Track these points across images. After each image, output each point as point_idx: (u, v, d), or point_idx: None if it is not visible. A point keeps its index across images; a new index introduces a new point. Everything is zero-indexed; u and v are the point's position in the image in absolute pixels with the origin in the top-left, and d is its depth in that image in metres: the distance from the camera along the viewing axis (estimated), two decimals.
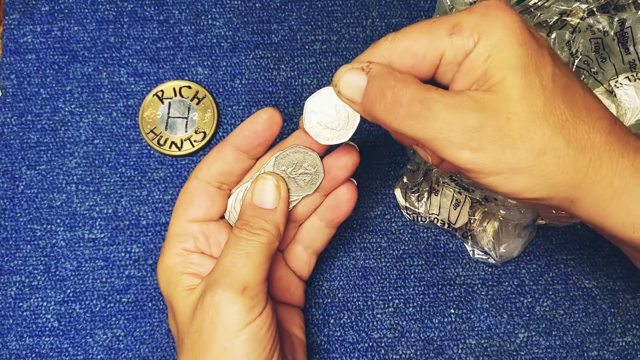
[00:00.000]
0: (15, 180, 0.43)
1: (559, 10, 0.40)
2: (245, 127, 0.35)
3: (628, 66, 0.40)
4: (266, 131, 0.35)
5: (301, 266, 0.39)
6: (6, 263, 0.42)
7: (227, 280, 0.32)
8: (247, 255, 0.33)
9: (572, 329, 0.42)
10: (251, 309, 0.32)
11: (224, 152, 0.36)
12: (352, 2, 0.46)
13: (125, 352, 0.41)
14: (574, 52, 0.40)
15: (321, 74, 0.45)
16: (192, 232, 0.36)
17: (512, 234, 0.42)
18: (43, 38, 0.45)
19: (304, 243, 0.39)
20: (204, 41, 0.45)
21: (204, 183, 0.36)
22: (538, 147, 0.27)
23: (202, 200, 0.36)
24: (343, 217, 0.38)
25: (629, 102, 0.39)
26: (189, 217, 0.36)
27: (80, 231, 0.42)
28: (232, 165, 0.36)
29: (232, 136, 0.36)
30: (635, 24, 0.40)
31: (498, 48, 0.28)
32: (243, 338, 0.31)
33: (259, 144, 0.36)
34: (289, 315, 0.39)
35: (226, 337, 0.31)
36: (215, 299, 0.32)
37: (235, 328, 0.31)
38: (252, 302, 0.32)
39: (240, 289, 0.32)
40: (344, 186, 0.37)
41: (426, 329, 0.42)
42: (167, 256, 0.36)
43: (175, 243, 0.36)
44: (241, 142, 0.35)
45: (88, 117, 0.44)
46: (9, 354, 0.41)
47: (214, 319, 0.32)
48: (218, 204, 0.37)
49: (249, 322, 0.32)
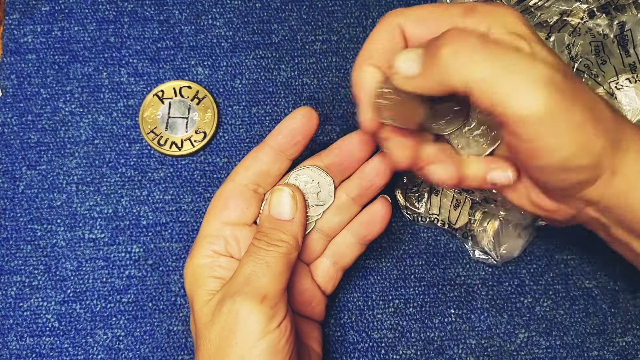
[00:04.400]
0: (16, 180, 0.43)
1: (559, 11, 0.40)
2: (284, 125, 0.36)
3: (628, 68, 0.40)
4: (304, 127, 0.36)
5: (327, 281, 0.39)
6: (6, 263, 0.42)
7: (246, 288, 0.32)
8: (266, 265, 0.33)
9: (573, 329, 0.42)
10: (270, 319, 0.31)
11: (261, 152, 0.36)
12: (352, 2, 0.46)
13: (126, 352, 0.41)
14: (574, 55, 0.40)
15: (321, 74, 0.45)
16: (224, 234, 0.36)
17: (513, 234, 0.42)
18: (43, 38, 0.45)
19: (332, 258, 0.39)
20: (204, 41, 0.45)
21: (240, 185, 0.36)
22: (588, 105, 0.28)
23: (238, 203, 0.36)
24: (376, 234, 0.38)
25: (630, 103, 0.39)
26: (222, 219, 0.36)
27: (81, 231, 0.42)
28: (269, 165, 0.36)
29: (270, 136, 0.36)
30: (635, 26, 0.40)
31: (509, 31, 0.28)
32: (261, 348, 0.31)
33: (297, 142, 0.36)
34: (308, 329, 0.39)
35: (244, 347, 0.31)
36: (234, 308, 0.31)
37: (253, 337, 0.31)
38: (271, 311, 0.32)
39: (259, 298, 0.32)
40: (378, 202, 0.37)
41: (426, 329, 0.42)
42: (196, 256, 0.36)
43: (205, 244, 0.36)
44: (280, 140, 0.36)
45: (88, 117, 0.44)
46: (9, 354, 0.41)
47: (233, 327, 0.31)
48: (253, 207, 0.37)
49: (268, 332, 0.31)
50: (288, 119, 0.36)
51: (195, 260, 0.36)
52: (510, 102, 0.26)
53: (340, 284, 0.41)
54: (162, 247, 0.42)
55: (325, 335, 0.41)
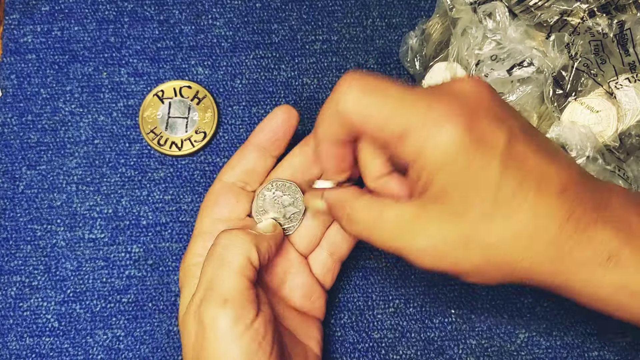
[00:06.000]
0: (16, 180, 0.43)
1: (560, 10, 0.40)
2: (265, 124, 0.37)
3: (628, 68, 0.40)
4: (284, 125, 0.36)
5: (325, 273, 0.39)
6: (6, 263, 0.42)
7: (209, 293, 0.31)
8: (225, 263, 0.32)
9: (573, 329, 0.42)
10: (237, 320, 0.31)
11: (245, 151, 0.37)
12: (352, 2, 0.46)
13: (126, 352, 0.41)
14: (574, 54, 0.40)
15: (321, 74, 0.45)
16: (217, 230, 0.35)
17: None
18: (43, 38, 0.45)
19: (329, 248, 0.38)
20: (204, 41, 0.45)
21: (228, 184, 0.37)
22: None
23: (227, 199, 0.36)
24: None
25: (629, 103, 0.39)
26: (214, 216, 0.36)
27: (81, 231, 0.42)
28: (254, 162, 0.37)
29: (253, 135, 0.37)
30: (635, 25, 0.40)
31: (435, 168, 0.28)
32: (236, 352, 0.30)
33: (278, 139, 0.37)
34: (306, 328, 0.38)
35: (218, 353, 0.31)
36: (200, 316, 0.31)
37: (225, 342, 0.30)
38: (235, 312, 0.31)
39: (221, 301, 0.31)
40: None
41: (427, 329, 0.42)
42: (189, 256, 0.36)
43: (199, 242, 0.36)
44: (262, 138, 0.36)
45: (88, 117, 0.44)
46: (9, 354, 0.41)
47: (204, 335, 0.31)
48: (243, 201, 0.37)
49: (239, 335, 0.31)
50: (268, 118, 0.37)
51: (187, 259, 0.36)
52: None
53: (340, 284, 0.41)
54: (162, 247, 0.42)
55: (325, 335, 0.41)
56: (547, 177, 0.28)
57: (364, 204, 0.31)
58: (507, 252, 0.28)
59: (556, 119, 0.40)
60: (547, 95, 0.40)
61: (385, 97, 0.29)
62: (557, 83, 0.40)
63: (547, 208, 0.28)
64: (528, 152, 0.28)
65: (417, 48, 0.43)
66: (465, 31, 0.41)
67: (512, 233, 0.28)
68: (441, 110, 0.28)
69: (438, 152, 0.28)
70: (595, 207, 0.28)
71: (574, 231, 0.28)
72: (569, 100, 0.40)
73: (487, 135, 0.28)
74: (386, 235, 0.30)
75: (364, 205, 0.31)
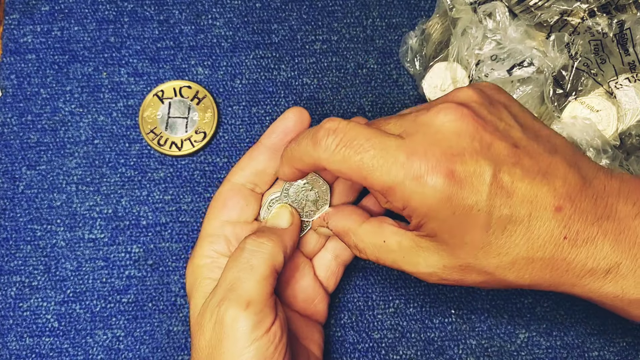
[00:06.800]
0: (15, 180, 0.43)
1: (560, 10, 0.40)
2: (276, 125, 0.36)
3: (628, 67, 0.40)
4: (296, 127, 0.36)
5: (329, 276, 0.39)
6: (6, 263, 0.42)
7: (231, 295, 0.32)
8: (250, 268, 0.32)
9: (573, 329, 0.42)
10: (257, 325, 0.31)
11: (256, 152, 0.37)
12: (352, 2, 0.46)
13: (126, 353, 0.41)
14: (574, 54, 0.40)
15: (321, 74, 0.45)
16: (225, 233, 0.36)
17: None
18: (43, 38, 0.45)
19: (334, 251, 0.39)
20: (204, 41, 0.45)
21: (237, 185, 0.36)
22: None
23: (236, 201, 0.36)
24: None
25: (629, 103, 0.39)
26: (222, 218, 0.36)
27: (80, 231, 0.42)
28: (265, 164, 0.36)
29: (264, 137, 0.37)
30: (634, 25, 0.40)
31: (424, 219, 0.30)
32: (249, 355, 0.31)
33: (291, 140, 0.36)
34: (308, 331, 0.38)
35: (232, 355, 0.31)
36: (219, 316, 0.31)
37: (241, 345, 0.31)
38: (257, 317, 0.31)
39: (244, 304, 0.31)
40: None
41: (427, 329, 0.42)
42: (197, 257, 0.35)
43: (206, 244, 0.36)
44: (274, 140, 0.36)
45: (88, 117, 0.44)
46: (9, 354, 0.41)
47: (220, 336, 0.31)
48: (252, 205, 0.37)
49: (256, 339, 0.31)
50: (280, 120, 0.36)
51: (195, 260, 0.36)
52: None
53: (340, 284, 0.40)
54: (162, 247, 0.42)
55: (325, 335, 0.41)
56: (539, 200, 0.28)
57: (367, 231, 0.33)
58: (506, 275, 0.29)
59: (556, 119, 0.40)
60: (547, 95, 0.40)
61: (364, 151, 0.29)
62: (557, 83, 0.40)
63: (542, 231, 0.28)
64: (516, 181, 0.28)
65: (417, 48, 0.43)
66: (465, 31, 0.41)
67: (509, 260, 0.29)
68: (421, 160, 0.28)
69: (422, 205, 0.28)
70: (597, 219, 0.29)
71: (571, 248, 0.28)
72: (569, 100, 0.40)
73: (470, 176, 0.28)
74: (391, 259, 0.32)
75: (367, 233, 0.33)
